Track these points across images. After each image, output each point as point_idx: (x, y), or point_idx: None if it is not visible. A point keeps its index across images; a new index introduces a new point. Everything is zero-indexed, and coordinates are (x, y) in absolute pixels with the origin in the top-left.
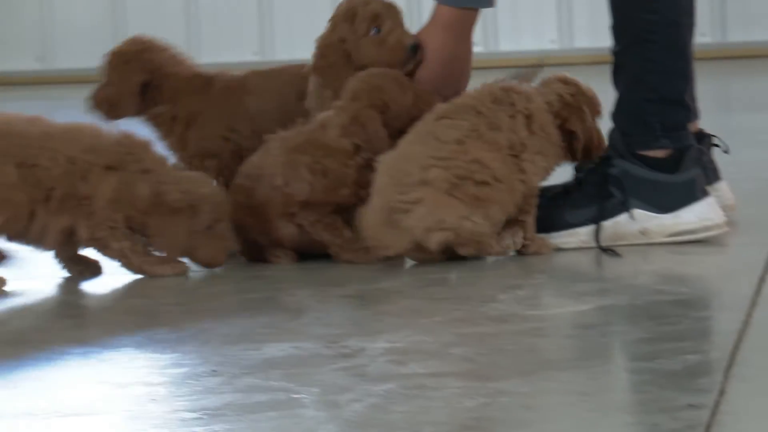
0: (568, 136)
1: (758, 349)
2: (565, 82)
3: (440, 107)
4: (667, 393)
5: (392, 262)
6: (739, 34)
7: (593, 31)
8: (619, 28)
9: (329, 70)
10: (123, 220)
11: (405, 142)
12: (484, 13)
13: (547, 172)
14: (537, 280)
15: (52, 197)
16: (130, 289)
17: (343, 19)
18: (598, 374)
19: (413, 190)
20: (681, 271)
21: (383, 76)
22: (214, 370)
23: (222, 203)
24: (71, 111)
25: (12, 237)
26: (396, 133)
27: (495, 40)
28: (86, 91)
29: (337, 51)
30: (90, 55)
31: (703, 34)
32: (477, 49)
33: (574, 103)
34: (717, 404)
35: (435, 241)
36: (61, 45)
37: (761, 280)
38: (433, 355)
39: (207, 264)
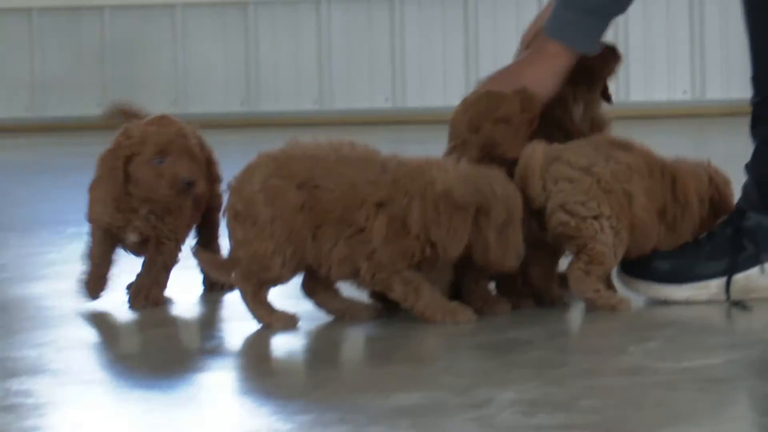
0: None
1: None
2: None
3: None
4: None
5: (522, 312)
6: None
7: (727, 82)
8: (760, 79)
9: None
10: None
11: None
12: None
13: None
14: (667, 332)
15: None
16: (249, 332)
17: None
18: (728, 429)
19: None
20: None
21: None
22: (341, 418)
23: (515, 204)
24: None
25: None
26: None
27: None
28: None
29: None
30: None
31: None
32: None
33: None
34: None
35: None
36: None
37: None
38: (561, 407)
39: (497, 265)
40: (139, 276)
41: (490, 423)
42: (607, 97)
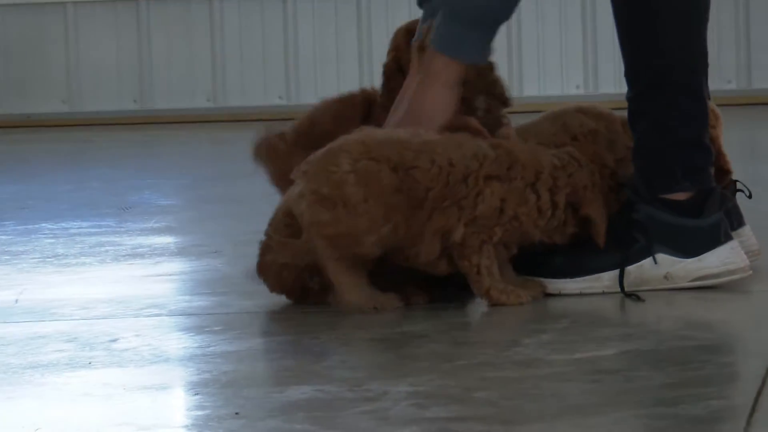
0: None
1: None
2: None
3: None
4: None
5: (415, 307)
6: (764, 81)
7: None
8: (632, 74)
9: None
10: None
11: None
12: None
13: None
14: (561, 324)
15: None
16: (154, 328)
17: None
18: (621, 420)
19: None
20: (705, 316)
21: None
22: (236, 413)
23: None
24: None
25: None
26: None
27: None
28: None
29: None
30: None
31: (729, 81)
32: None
33: None
34: None
35: None
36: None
37: None
38: (455, 399)
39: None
40: None
41: (385, 416)
42: (504, 101)
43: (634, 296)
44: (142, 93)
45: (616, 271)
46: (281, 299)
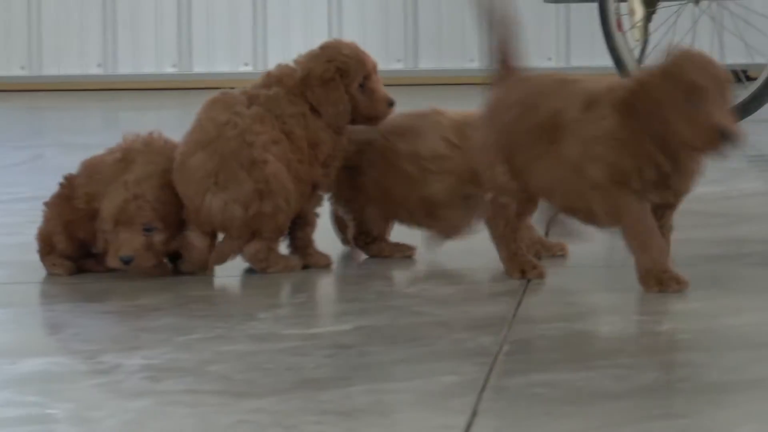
0: None
1: (513, 372)
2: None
3: None
4: (422, 414)
5: (152, 279)
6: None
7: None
8: None
9: None
10: None
11: None
12: None
13: None
14: (298, 299)
15: None
16: None
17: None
18: (355, 394)
19: None
20: (441, 293)
21: None
22: None
23: None
24: None
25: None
26: None
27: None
28: None
29: None
30: None
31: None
32: None
33: None
34: (470, 425)
35: None
36: None
37: (519, 303)
38: (189, 372)
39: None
40: None
41: (117, 389)
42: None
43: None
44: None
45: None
46: (23, 269)
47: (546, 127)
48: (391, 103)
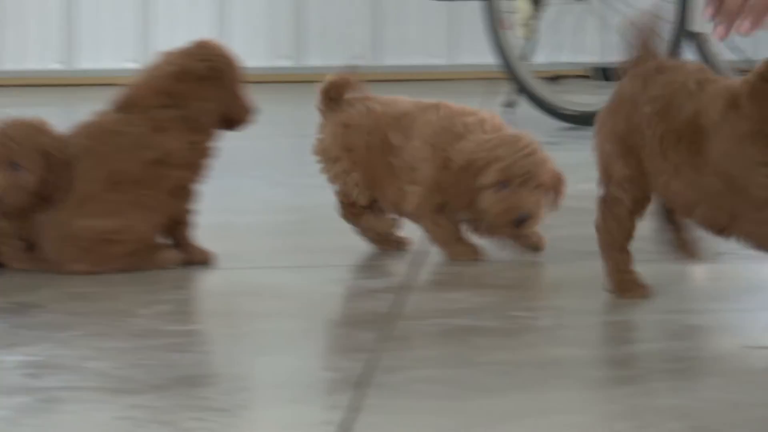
0: None
1: (394, 368)
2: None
3: None
4: (302, 409)
5: (32, 276)
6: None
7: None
8: None
9: None
10: None
11: None
12: None
13: None
14: (179, 295)
15: None
16: None
17: None
18: (233, 390)
19: None
20: (319, 291)
21: None
22: None
23: None
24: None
25: None
26: None
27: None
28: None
29: None
30: None
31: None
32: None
33: None
34: (352, 421)
35: None
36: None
37: (399, 300)
38: (68, 369)
39: None
40: None
41: None
42: None
43: None
44: None
45: None
46: None
47: (686, 133)
48: (253, 111)
